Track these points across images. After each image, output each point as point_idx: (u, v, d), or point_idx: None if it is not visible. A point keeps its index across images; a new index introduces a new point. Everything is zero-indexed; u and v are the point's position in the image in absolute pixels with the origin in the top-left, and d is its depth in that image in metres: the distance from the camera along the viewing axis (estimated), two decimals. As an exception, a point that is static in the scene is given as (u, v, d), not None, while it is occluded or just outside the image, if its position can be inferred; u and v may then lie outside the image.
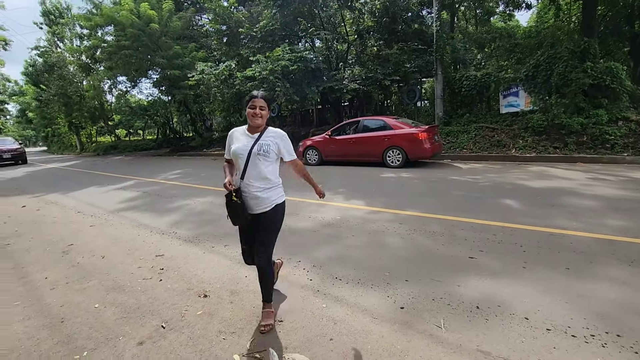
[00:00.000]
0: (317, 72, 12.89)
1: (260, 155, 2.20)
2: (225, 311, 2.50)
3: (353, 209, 5.05)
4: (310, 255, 3.44)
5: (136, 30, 16.06)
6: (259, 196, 2.25)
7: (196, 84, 14.56)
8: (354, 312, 2.40)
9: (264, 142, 2.23)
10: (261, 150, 2.20)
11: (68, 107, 25.57)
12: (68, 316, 2.56)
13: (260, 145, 2.21)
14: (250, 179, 2.23)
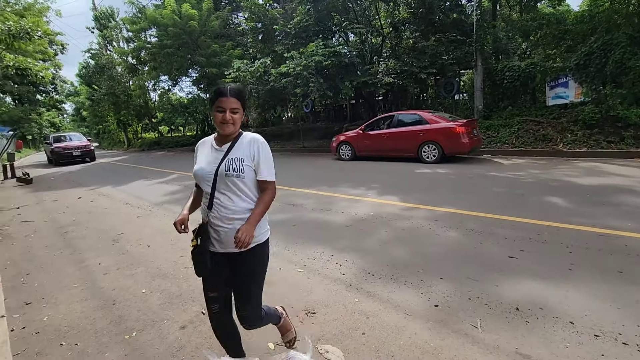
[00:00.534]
0: (350, 66, 12.79)
1: (231, 176, 1.55)
2: (261, 301, 2.59)
3: (387, 204, 5.00)
4: (342, 249, 3.46)
5: (177, 29, 16.80)
6: (237, 229, 1.54)
7: (232, 81, 14.99)
8: (386, 307, 2.40)
9: (234, 156, 1.57)
10: (230, 169, 1.54)
11: (117, 105, 27.37)
12: (119, 299, 2.79)
13: (230, 161, 1.56)
14: (221, 210, 1.57)
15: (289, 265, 3.19)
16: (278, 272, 3.07)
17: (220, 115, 1.54)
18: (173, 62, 18.47)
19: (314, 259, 3.29)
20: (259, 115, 23.50)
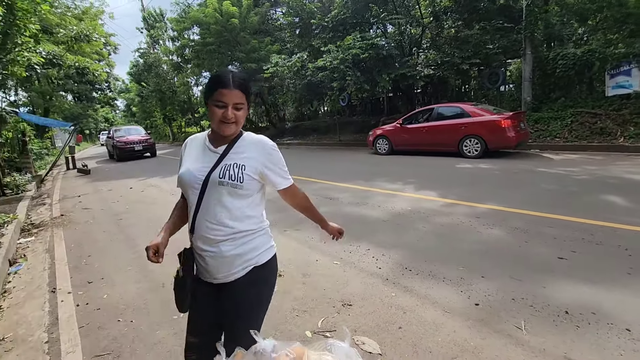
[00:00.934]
0: (388, 59, 12.53)
1: (225, 185, 1.21)
2: (298, 291, 2.67)
3: (425, 200, 4.89)
4: (379, 244, 3.45)
5: (219, 27, 17.39)
6: (223, 254, 1.24)
7: (270, 76, 15.27)
8: (424, 303, 2.37)
9: (233, 161, 1.23)
10: (226, 176, 1.21)
11: (163, 101, 28.93)
12: (167, 283, 2.99)
13: (227, 167, 1.22)
14: (207, 228, 1.23)
15: (325, 257, 3.24)
16: (315, 263, 3.13)
17: (220, 112, 1.19)
18: (214, 59, 19.15)
19: (350, 252, 3.31)
20: (296, 110, 23.76)
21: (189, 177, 1.25)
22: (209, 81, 1.24)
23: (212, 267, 1.26)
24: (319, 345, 1.01)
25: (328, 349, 0.98)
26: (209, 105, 1.22)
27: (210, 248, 1.24)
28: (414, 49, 14.37)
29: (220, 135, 1.27)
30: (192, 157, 1.30)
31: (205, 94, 1.24)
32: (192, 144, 1.36)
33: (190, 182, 1.25)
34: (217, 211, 1.22)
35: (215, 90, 1.19)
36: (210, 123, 1.27)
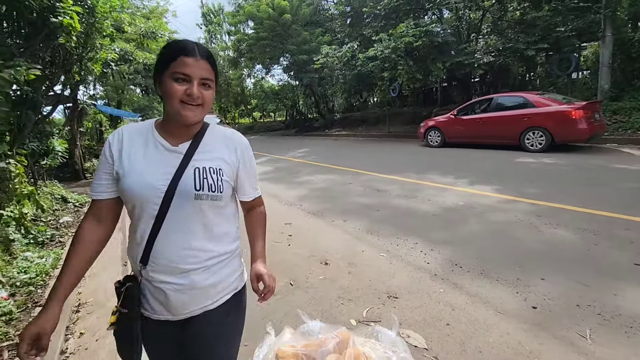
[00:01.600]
0: (444, 46, 11.90)
1: (204, 198, 0.94)
2: (344, 280, 2.70)
3: (479, 195, 4.63)
4: (428, 238, 3.35)
5: (272, 21, 17.78)
6: (195, 286, 0.95)
7: (320, 67, 15.32)
8: (474, 302, 2.27)
9: (206, 163, 0.95)
10: (205, 186, 0.93)
11: (218, 94, 30.32)
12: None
13: (200, 173, 0.94)
14: (175, 252, 0.93)
15: (372, 248, 3.23)
16: (361, 254, 3.14)
17: (182, 89, 0.88)
18: (267, 52, 19.66)
19: (398, 245, 3.26)
20: (345, 101, 23.63)
21: (145, 188, 0.89)
22: (164, 49, 0.92)
23: (176, 302, 0.94)
24: (365, 331, 1.02)
25: (374, 336, 0.99)
26: (163, 81, 0.89)
27: (176, 280, 0.92)
28: (472, 35, 13.50)
29: (177, 126, 0.93)
30: (139, 158, 0.92)
31: (159, 66, 0.90)
32: (132, 138, 0.94)
33: (147, 196, 0.89)
34: (192, 232, 0.93)
35: (175, 60, 0.87)
36: (165, 107, 0.92)
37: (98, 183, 0.95)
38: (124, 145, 0.94)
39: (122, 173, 0.91)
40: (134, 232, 0.96)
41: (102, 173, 0.95)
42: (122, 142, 0.95)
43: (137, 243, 0.95)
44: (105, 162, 0.94)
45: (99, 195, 0.95)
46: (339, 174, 6.87)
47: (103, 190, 0.95)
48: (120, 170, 0.92)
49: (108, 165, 0.94)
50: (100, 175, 0.95)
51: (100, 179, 0.95)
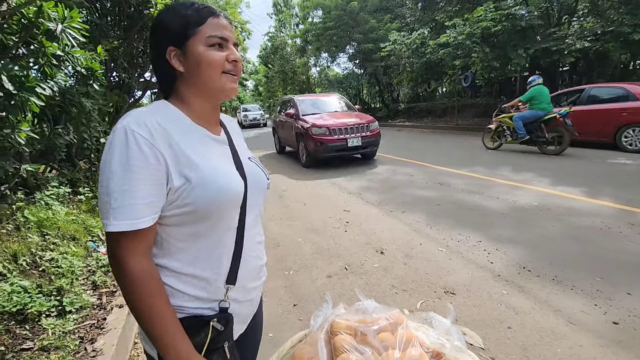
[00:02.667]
0: (528, 30, 10.74)
1: (269, 184, 0.88)
2: (399, 270, 2.68)
3: (559, 196, 4.18)
4: (494, 237, 3.15)
5: (339, 11, 17.69)
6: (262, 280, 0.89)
7: (387, 55, 14.90)
8: (542, 308, 2.10)
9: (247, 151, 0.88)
10: (264, 170, 0.87)
11: (285, 81, 31.38)
12: (281, 243, 3.37)
13: (255, 161, 0.86)
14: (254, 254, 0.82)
15: (430, 242, 3.14)
16: (418, 246, 3.07)
17: (224, 55, 0.71)
18: (333, 41, 19.68)
19: (459, 241, 3.12)
20: (411, 90, 22.72)
21: (233, 190, 0.71)
22: (175, 14, 0.70)
23: (256, 303, 0.87)
24: (419, 316, 1.03)
25: (428, 322, 0.99)
26: (190, 51, 0.69)
27: (257, 282, 0.84)
28: (564, 18, 11.97)
29: (210, 109, 0.77)
30: (203, 150, 0.71)
31: (179, 31, 0.69)
32: (167, 126, 0.67)
33: (233, 200, 0.72)
34: (259, 226, 0.85)
35: (203, 22, 0.70)
36: (192, 85, 0.72)
37: (146, 202, 0.62)
38: (174, 137, 0.66)
39: (192, 175, 0.65)
40: (198, 257, 0.71)
41: (146, 184, 0.62)
42: (165, 132, 0.65)
43: (214, 266, 0.72)
44: (147, 167, 0.62)
45: (146, 220, 0.62)
46: (401, 166, 6.71)
47: (155, 210, 0.64)
48: (187, 172, 0.65)
49: (154, 171, 0.62)
50: (145, 187, 0.62)
51: (148, 194, 0.62)
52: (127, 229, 0.61)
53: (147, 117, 0.65)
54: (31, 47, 2.55)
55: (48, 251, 2.56)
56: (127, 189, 0.60)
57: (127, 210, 0.60)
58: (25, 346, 1.75)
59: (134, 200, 0.61)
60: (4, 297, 1.89)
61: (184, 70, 0.71)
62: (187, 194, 0.65)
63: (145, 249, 0.65)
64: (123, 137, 0.61)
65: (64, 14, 2.44)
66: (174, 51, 0.70)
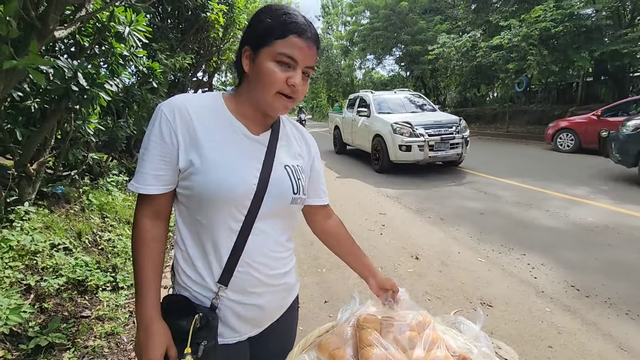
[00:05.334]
0: (594, 32, 9.90)
1: (298, 203, 0.81)
2: (434, 277, 2.62)
3: (625, 214, 3.80)
4: (540, 251, 2.97)
5: (388, 10, 17.49)
6: (288, 284, 0.86)
7: (435, 57, 14.47)
8: (590, 331, 1.95)
9: (291, 161, 0.82)
10: (300, 190, 0.80)
11: (329, 83, 31.63)
12: (315, 241, 3.40)
13: (292, 173, 0.80)
14: (268, 254, 0.78)
15: (469, 251, 3.03)
16: (456, 255, 2.97)
17: (285, 76, 0.69)
18: (380, 42, 19.50)
19: (500, 252, 2.98)
20: (459, 95, 21.86)
21: (236, 184, 0.71)
22: (266, 17, 0.70)
23: (268, 310, 0.82)
24: (448, 320, 1.02)
25: (456, 327, 0.98)
26: (259, 60, 0.69)
27: (267, 289, 0.79)
28: (638, 18, 10.87)
29: (258, 112, 0.76)
30: (221, 142, 0.72)
31: (254, 38, 0.71)
32: (200, 114, 0.72)
33: (236, 195, 0.71)
34: (281, 232, 0.80)
35: (283, 37, 0.68)
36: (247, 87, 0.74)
37: (154, 173, 0.69)
38: (194, 122, 0.70)
39: (197, 161, 0.69)
40: (198, 244, 0.74)
41: (156, 158, 0.69)
42: (188, 117, 0.70)
43: (208, 259, 0.73)
44: (161, 143, 0.69)
45: (154, 188, 0.70)
46: (444, 172, 6.50)
47: (162, 183, 0.71)
48: (193, 157, 0.69)
49: (166, 149, 0.69)
50: (155, 160, 0.69)
51: (157, 167, 0.69)
52: (136, 192, 0.72)
53: (181, 101, 0.72)
54: (102, 48, 2.84)
55: (107, 232, 2.83)
56: (144, 159, 0.71)
57: (140, 176, 0.71)
58: (84, 314, 1.96)
59: (144, 169, 0.70)
60: (69, 268, 2.13)
61: (248, 72, 0.73)
62: (189, 177, 0.70)
63: (154, 213, 0.74)
64: (155, 115, 0.72)
65: (131, 18, 2.69)
66: (248, 52, 0.72)
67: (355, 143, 8.15)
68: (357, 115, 7.75)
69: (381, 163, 6.56)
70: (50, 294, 1.96)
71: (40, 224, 2.40)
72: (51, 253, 2.23)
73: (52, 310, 1.90)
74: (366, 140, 7.21)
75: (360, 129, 7.55)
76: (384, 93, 8.15)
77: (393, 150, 6.12)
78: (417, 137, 5.94)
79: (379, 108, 7.21)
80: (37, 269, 2.09)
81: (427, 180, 5.83)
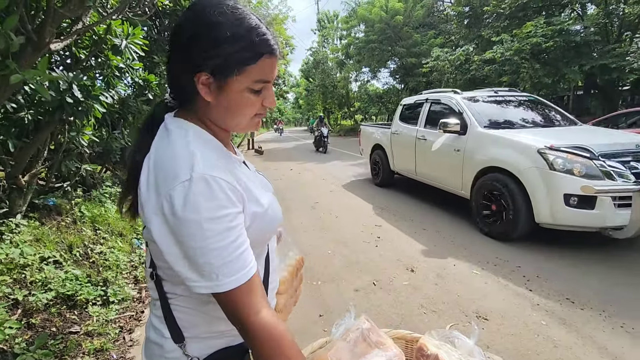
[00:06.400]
0: (583, 47, 10.16)
1: None
2: (429, 290, 2.61)
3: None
4: (533, 263, 2.97)
5: (383, 24, 17.84)
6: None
7: (429, 70, 14.72)
8: (585, 344, 1.94)
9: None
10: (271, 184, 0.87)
11: (325, 95, 31.93)
12: (311, 253, 3.40)
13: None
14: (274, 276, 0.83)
15: (464, 264, 3.02)
16: (451, 267, 2.96)
17: (260, 101, 0.65)
18: (375, 55, 19.80)
19: (496, 265, 2.98)
20: (453, 107, 22.22)
21: (280, 211, 0.74)
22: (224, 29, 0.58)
23: None
24: (441, 334, 1.01)
25: (450, 341, 0.97)
26: (228, 87, 0.61)
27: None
28: (625, 34, 11.20)
29: (227, 135, 0.71)
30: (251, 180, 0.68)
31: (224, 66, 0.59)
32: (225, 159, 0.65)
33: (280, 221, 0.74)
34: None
35: (255, 61, 0.60)
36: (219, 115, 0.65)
37: (246, 246, 0.59)
38: (235, 172, 0.63)
39: (257, 209, 0.65)
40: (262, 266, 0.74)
41: (243, 230, 0.60)
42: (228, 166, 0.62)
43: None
44: (237, 212, 0.59)
45: (254, 264, 0.61)
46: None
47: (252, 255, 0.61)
48: (253, 207, 0.64)
49: (241, 214, 0.60)
50: (243, 234, 0.59)
51: (245, 239, 0.60)
52: (244, 281, 0.57)
53: (210, 155, 0.59)
54: (98, 60, 2.86)
55: (98, 245, 2.79)
56: (229, 242, 0.56)
57: (235, 263, 0.56)
58: (72, 330, 1.91)
59: (238, 250, 0.57)
60: (59, 282, 2.09)
61: (211, 100, 0.62)
62: (251, 230, 0.62)
63: (264, 295, 0.60)
64: (205, 187, 0.55)
65: (128, 31, 2.72)
66: (207, 78, 0.60)
67: (423, 174, 5.05)
68: (428, 130, 4.90)
69: (512, 225, 3.41)
70: (38, 309, 1.92)
71: (30, 236, 2.36)
72: (40, 266, 2.19)
73: (40, 325, 1.85)
74: (455, 176, 4.21)
75: (440, 154, 4.50)
76: (479, 94, 4.90)
77: (548, 204, 3.13)
78: (608, 177, 2.95)
79: (483, 120, 4.11)
80: (26, 283, 2.04)
81: (419, 190, 5.85)
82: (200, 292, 0.57)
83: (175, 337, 0.66)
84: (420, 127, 5.15)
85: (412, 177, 5.47)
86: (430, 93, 5.46)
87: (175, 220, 0.54)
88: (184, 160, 0.56)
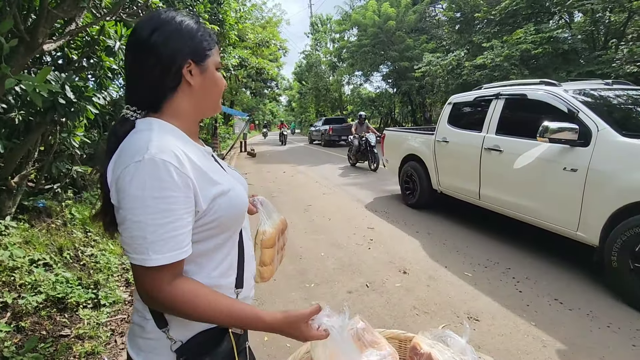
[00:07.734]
0: (570, 54, 10.40)
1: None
2: (421, 291, 2.63)
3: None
4: (523, 265, 3.02)
5: (375, 28, 18.01)
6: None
7: (422, 75, 14.88)
8: (574, 344, 1.99)
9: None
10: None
11: (317, 98, 32.04)
12: (304, 256, 3.41)
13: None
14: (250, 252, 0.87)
15: (455, 266, 3.06)
16: (443, 269, 3.00)
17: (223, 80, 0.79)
18: (368, 59, 19.95)
19: (486, 267, 3.02)
20: (444, 111, 22.48)
21: (245, 195, 0.79)
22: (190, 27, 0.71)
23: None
24: (433, 334, 1.03)
25: (443, 340, 0.99)
26: (208, 70, 0.73)
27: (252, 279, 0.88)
28: (611, 41, 11.48)
29: (197, 126, 0.80)
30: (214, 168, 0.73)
31: (200, 49, 0.72)
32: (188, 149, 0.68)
33: (247, 204, 0.80)
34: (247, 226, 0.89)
35: (214, 46, 0.75)
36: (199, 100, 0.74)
37: (185, 230, 0.62)
38: (193, 159, 0.66)
39: (219, 194, 0.68)
40: (218, 265, 0.73)
41: (184, 214, 0.62)
42: (187, 157, 0.65)
43: (227, 274, 0.76)
44: (181, 195, 0.61)
45: (189, 248, 0.64)
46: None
47: (190, 239, 0.65)
48: (211, 190, 0.67)
49: (188, 198, 0.63)
50: (183, 217, 0.62)
51: (185, 224, 0.62)
52: (173, 261, 0.61)
53: (169, 143, 0.63)
54: (91, 61, 2.84)
55: (89, 247, 2.76)
56: (166, 222, 0.60)
57: (169, 242, 0.60)
58: (63, 333, 1.89)
59: (175, 231, 0.60)
60: (49, 285, 2.06)
61: (195, 85, 0.71)
62: (212, 212, 0.67)
63: (180, 272, 0.65)
64: (152, 168, 0.59)
65: (122, 32, 2.71)
66: (191, 65, 0.70)
67: (494, 199, 3.62)
68: (504, 138, 3.45)
69: None
70: (28, 312, 1.89)
71: (19, 238, 2.33)
72: (30, 269, 2.15)
73: (30, 329, 1.83)
74: (565, 208, 2.81)
75: (532, 174, 3.10)
76: (592, 85, 3.36)
77: None
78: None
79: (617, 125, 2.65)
80: (15, 285, 2.01)
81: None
82: (133, 264, 0.61)
83: (159, 322, 0.69)
84: (489, 134, 3.63)
85: (471, 201, 3.99)
86: (502, 86, 3.85)
87: (122, 194, 0.60)
88: (142, 144, 0.62)
